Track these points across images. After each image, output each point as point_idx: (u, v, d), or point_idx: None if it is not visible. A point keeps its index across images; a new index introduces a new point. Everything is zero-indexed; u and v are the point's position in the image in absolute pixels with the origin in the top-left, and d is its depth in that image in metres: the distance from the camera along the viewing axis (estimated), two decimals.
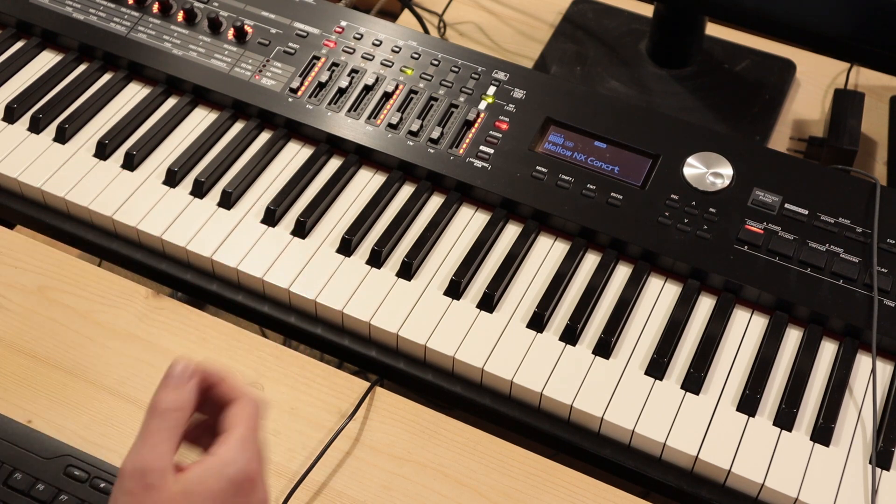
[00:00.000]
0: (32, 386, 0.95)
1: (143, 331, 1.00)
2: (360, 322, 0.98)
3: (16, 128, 1.13)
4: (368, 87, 1.13)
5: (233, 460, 0.65)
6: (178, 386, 0.66)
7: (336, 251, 1.03)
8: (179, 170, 1.08)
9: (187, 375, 0.67)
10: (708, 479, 0.90)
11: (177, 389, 0.66)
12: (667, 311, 0.99)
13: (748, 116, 1.26)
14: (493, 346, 0.96)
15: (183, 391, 0.66)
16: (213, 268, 1.03)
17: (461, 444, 0.93)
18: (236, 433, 0.66)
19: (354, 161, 1.10)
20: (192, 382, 0.67)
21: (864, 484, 0.88)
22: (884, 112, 1.30)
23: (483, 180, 1.06)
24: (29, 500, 0.83)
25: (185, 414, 0.66)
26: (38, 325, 1.00)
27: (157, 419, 0.65)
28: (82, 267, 1.05)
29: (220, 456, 0.65)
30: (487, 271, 1.02)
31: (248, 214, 1.06)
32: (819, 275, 0.98)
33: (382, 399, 0.96)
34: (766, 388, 0.93)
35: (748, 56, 1.34)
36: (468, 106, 1.11)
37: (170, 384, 0.66)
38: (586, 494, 0.90)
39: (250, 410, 0.68)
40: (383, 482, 0.90)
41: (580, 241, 1.03)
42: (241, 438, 0.66)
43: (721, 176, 1.05)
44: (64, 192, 1.07)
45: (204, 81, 1.15)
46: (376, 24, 1.19)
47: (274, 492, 0.89)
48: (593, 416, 0.92)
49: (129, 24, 1.19)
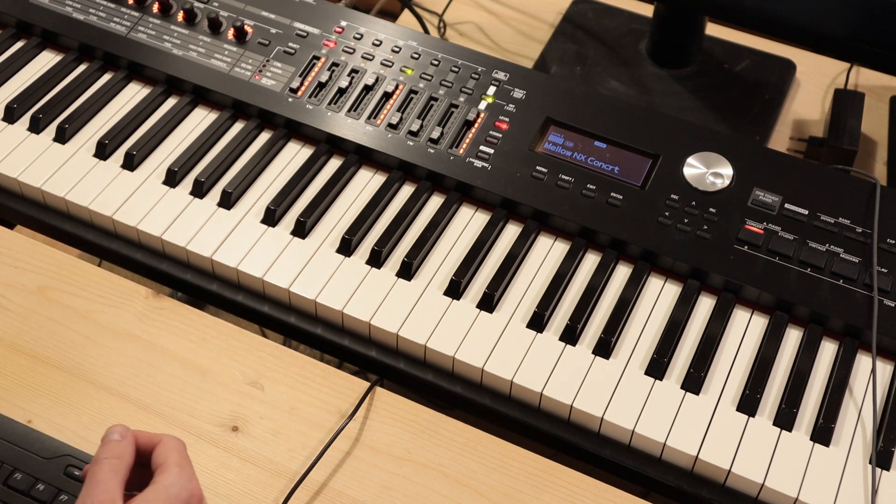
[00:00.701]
0: (32, 386, 0.95)
1: (143, 331, 1.00)
2: (360, 322, 0.98)
3: (16, 128, 1.13)
4: (368, 87, 1.13)
5: (174, 482, 0.74)
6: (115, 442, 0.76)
7: (336, 251, 1.03)
8: (179, 170, 1.08)
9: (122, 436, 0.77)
10: (708, 479, 0.90)
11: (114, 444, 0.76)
12: (667, 311, 0.99)
13: (748, 116, 1.26)
14: (493, 346, 0.96)
15: (118, 444, 0.76)
16: (213, 268, 1.03)
17: (461, 444, 0.93)
18: (171, 461, 0.76)
19: (354, 161, 1.10)
20: (127, 439, 0.77)
21: (864, 484, 0.88)
22: (884, 112, 1.30)
23: (483, 180, 1.06)
24: (29, 500, 0.83)
25: (124, 461, 0.75)
26: (38, 325, 1.00)
27: (97, 466, 0.74)
28: (82, 267, 1.04)
29: (162, 481, 0.74)
30: (487, 271, 1.02)
31: (248, 214, 1.06)
32: (819, 275, 0.98)
33: (382, 399, 0.96)
34: (766, 388, 0.93)
35: (748, 56, 1.34)
36: (468, 106, 1.11)
37: (108, 440, 0.76)
38: (586, 494, 0.90)
39: (175, 444, 0.78)
40: (383, 482, 0.90)
41: (580, 241, 1.03)
42: (177, 464, 0.76)
43: (721, 176, 1.05)
44: (64, 192, 1.07)
45: (204, 81, 1.15)
46: (376, 24, 1.19)
47: (274, 492, 0.89)
48: (593, 416, 0.92)
49: (129, 24, 1.19)
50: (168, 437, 0.78)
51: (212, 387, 0.96)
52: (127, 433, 0.77)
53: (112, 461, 0.74)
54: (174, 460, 0.76)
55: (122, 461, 0.75)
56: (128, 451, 0.76)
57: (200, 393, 0.95)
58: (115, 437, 0.77)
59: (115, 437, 0.77)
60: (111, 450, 0.75)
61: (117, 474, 0.74)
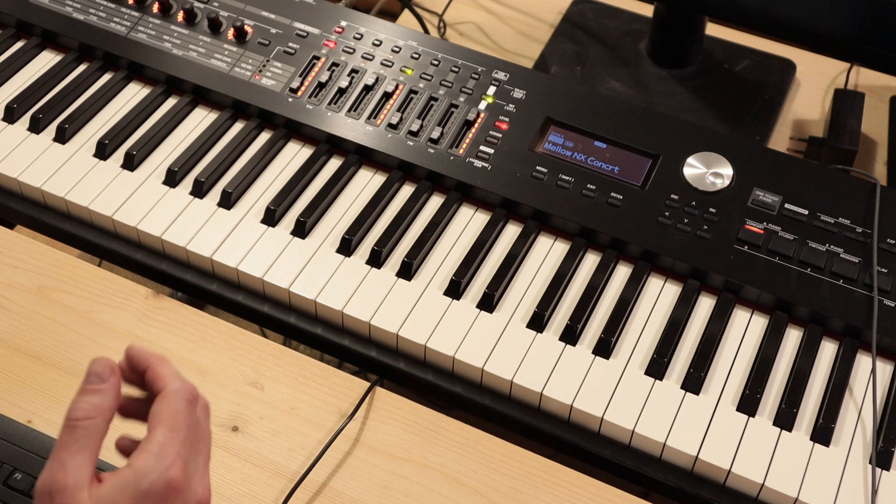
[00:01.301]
0: (32, 386, 0.95)
1: (143, 331, 1.00)
2: (360, 322, 0.98)
3: (16, 128, 1.13)
4: (368, 87, 1.13)
5: (148, 470, 0.60)
6: (93, 391, 0.63)
7: (336, 251, 1.03)
8: (179, 170, 1.08)
9: (106, 375, 0.63)
10: (708, 479, 0.90)
11: (90, 395, 0.62)
12: (667, 311, 0.99)
13: (748, 116, 1.26)
14: (493, 346, 0.96)
15: (96, 396, 0.62)
16: (213, 268, 1.03)
17: (461, 444, 0.93)
18: (154, 438, 0.62)
19: (354, 161, 1.10)
20: (109, 383, 0.63)
21: (864, 484, 0.88)
22: (884, 112, 1.30)
23: (483, 180, 1.06)
24: (29, 500, 0.83)
25: (100, 421, 0.62)
26: (38, 325, 1.00)
27: (68, 432, 0.61)
28: (82, 267, 1.05)
29: (135, 467, 0.61)
30: (487, 271, 1.02)
31: (248, 214, 1.06)
32: (819, 275, 0.98)
33: (382, 399, 0.96)
34: (766, 388, 0.93)
35: (748, 56, 1.34)
36: (468, 106, 1.11)
37: (84, 389, 0.63)
38: (586, 494, 0.90)
39: (174, 406, 0.63)
40: (383, 482, 0.90)
41: (580, 241, 1.03)
42: (159, 444, 0.61)
43: (721, 176, 1.05)
44: (64, 192, 1.07)
45: (204, 81, 1.15)
46: (376, 24, 1.19)
47: (274, 492, 0.89)
48: (593, 416, 0.92)
49: (129, 24, 1.19)
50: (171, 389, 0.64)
51: (212, 387, 0.96)
52: (110, 376, 0.63)
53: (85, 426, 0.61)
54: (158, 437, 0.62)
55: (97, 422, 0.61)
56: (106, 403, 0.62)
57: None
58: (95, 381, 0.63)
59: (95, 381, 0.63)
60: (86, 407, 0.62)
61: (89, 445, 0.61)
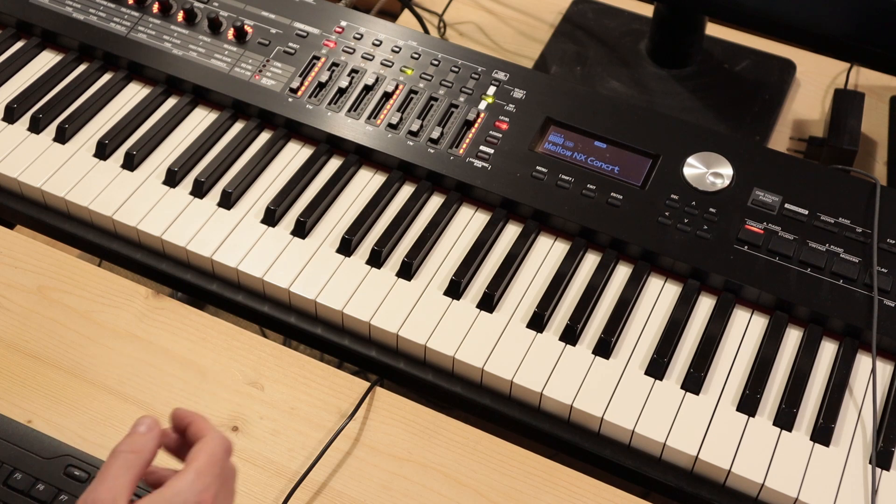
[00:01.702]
0: (32, 386, 0.95)
1: (143, 331, 1.00)
2: (360, 322, 0.98)
3: (16, 128, 1.13)
4: (368, 87, 1.13)
5: (182, 490, 0.68)
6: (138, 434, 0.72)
7: (336, 251, 1.03)
8: (179, 170, 1.08)
9: (151, 425, 0.72)
10: (708, 479, 0.90)
11: (136, 436, 0.71)
12: (667, 311, 0.99)
13: (748, 116, 1.26)
14: (493, 346, 0.96)
15: (141, 437, 0.71)
16: (213, 268, 1.03)
17: (461, 444, 0.93)
18: (193, 465, 0.70)
19: (354, 161, 1.10)
20: (153, 432, 0.72)
21: (864, 484, 0.88)
22: (884, 112, 1.30)
23: (483, 180, 1.06)
24: (29, 500, 0.83)
25: (142, 457, 0.70)
26: (37, 325, 1.00)
27: (112, 458, 0.70)
28: (82, 267, 1.04)
29: (171, 486, 0.69)
30: (487, 271, 1.02)
31: (248, 214, 1.06)
32: (819, 275, 0.98)
33: (382, 399, 0.96)
34: (766, 388, 0.93)
35: (748, 56, 1.34)
36: (468, 106, 1.11)
37: (131, 433, 0.72)
38: (586, 494, 0.90)
39: (212, 445, 0.72)
40: (383, 482, 0.90)
41: (580, 241, 1.03)
42: (196, 471, 0.70)
43: (721, 176, 1.05)
44: (64, 192, 1.07)
45: (204, 81, 1.15)
46: (376, 24, 1.19)
47: (274, 492, 0.89)
48: (593, 416, 0.92)
49: (129, 24, 1.19)
50: (212, 436, 0.73)
51: (212, 387, 0.96)
52: (154, 427, 0.73)
53: (128, 456, 0.70)
54: (196, 465, 0.71)
55: (140, 456, 0.71)
56: (149, 446, 0.72)
57: (200, 393, 0.95)
58: (141, 429, 0.73)
59: (141, 429, 0.73)
60: (131, 443, 0.71)
61: (129, 471, 0.70)
